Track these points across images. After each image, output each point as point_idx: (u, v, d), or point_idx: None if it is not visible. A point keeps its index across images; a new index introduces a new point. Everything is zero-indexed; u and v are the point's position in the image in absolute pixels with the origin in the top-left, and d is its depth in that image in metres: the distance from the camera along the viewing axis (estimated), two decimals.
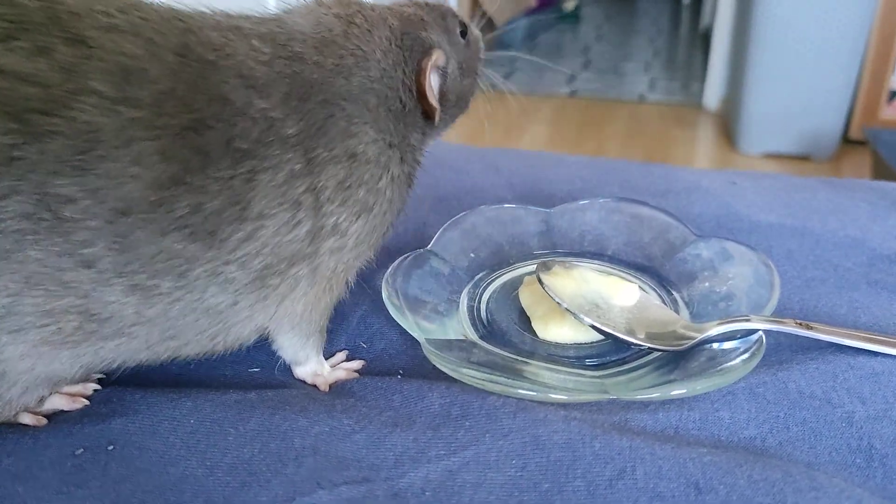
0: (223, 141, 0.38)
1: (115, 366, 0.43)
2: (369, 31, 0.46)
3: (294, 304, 0.45)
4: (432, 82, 0.48)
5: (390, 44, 0.47)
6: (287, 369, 0.49)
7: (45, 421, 0.44)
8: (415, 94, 0.48)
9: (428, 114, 0.49)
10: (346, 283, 0.49)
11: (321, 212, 0.42)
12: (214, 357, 0.49)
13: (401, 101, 0.47)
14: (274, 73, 0.41)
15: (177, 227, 0.37)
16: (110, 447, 0.41)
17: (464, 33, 0.53)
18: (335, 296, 0.48)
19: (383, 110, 0.46)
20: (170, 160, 0.36)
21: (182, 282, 0.39)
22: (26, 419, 0.43)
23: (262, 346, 0.49)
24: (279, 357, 0.49)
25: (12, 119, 0.33)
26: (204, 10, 0.43)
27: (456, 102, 0.52)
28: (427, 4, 0.51)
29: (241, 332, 0.44)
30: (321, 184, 0.42)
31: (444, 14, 0.52)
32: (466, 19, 0.54)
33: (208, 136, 0.38)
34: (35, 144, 0.34)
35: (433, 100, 0.48)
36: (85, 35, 0.36)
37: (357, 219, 0.44)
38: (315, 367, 0.49)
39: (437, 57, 0.48)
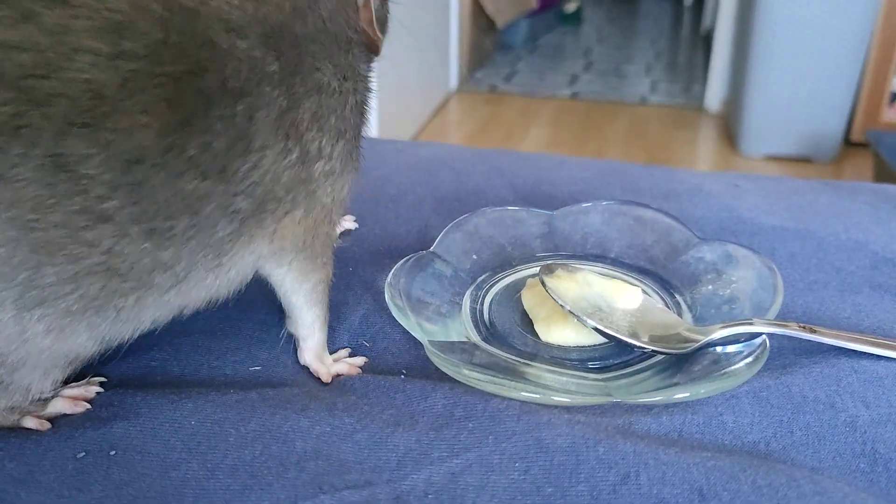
0: (220, 82, 0.40)
1: (129, 333, 0.43)
2: None
3: (293, 226, 0.46)
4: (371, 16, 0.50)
5: None
6: (287, 365, 0.49)
7: (48, 425, 0.43)
8: (357, 28, 0.49)
9: (370, 45, 0.50)
10: (339, 216, 0.51)
11: (303, 139, 0.44)
12: (216, 354, 0.49)
13: (347, 36, 0.48)
14: (247, 15, 0.43)
15: (189, 168, 0.39)
16: (112, 451, 0.41)
17: None
18: (333, 230, 0.50)
19: (335, 47, 0.47)
20: (176, 105, 0.38)
21: (195, 220, 0.40)
22: (30, 423, 0.43)
23: (264, 344, 0.49)
24: (280, 356, 0.49)
25: (10, 88, 0.34)
26: None
27: (382, 29, 0.53)
28: None
29: (242, 260, 0.45)
30: (299, 116, 0.44)
31: None
32: None
33: (207, 78, 0.39)
34: (38, 109, 0.35)
35: (376, 31, 0.50)
36: None
37: (336, 142, 0.47)
38: (319, 347, 0.49)
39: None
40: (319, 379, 0.48)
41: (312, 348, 0.49)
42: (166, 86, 0.38)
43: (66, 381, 0.46)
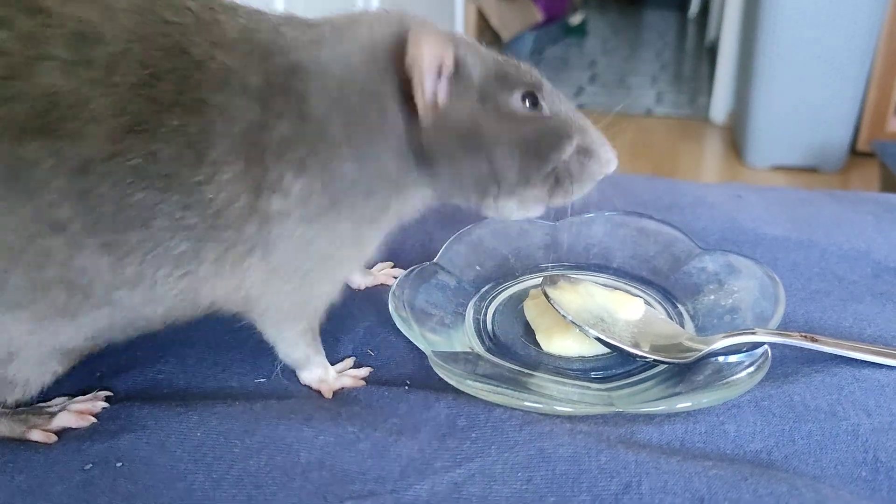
0: (176, 90, 0.39)
1: (118, 336, 0.44)
2: (371, 24, 0.45)
3: (253, 273, 0.44)
4: (425, 76, 0.43)
5: (394, 38, 0.44)
6: (292, 374, 0.49)
7: (54, 438, 0.44)
8: (402, 95, 0.43)
9: (414, 111, 0.44)
10: (328, 282, 0.47)
11: (265, 163, 0.41)
12: (221, 366, 0.50)
13: (379, 95, 0.43)
14: (244, 37, 0.42)
15: (134, 176, 0.39)
16: (119, 463, 0.41)
17: (530, 103, 0.46)
18: (315, 294, 0.46)
19: (354, 95, 0.43)
20: (121, 113, 0.38)
21: (147, 233, 0.40)
22: (36, 436, 0.44)
23: (268, 355, 0.49)
24: (285, 368, 0.49)
25: None
26: None
27: (463, 139, 0.45)
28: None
29: (213, 291, 0.44)
30: (269, 137, 0.41)
31: (497, 60, 0.47)
32: (544, 89, 0.47)
33: (161, 86, 0.39)
34: (1, 109, 0.36)
35: (427, 109, 0.43)
36: (43, 5, 0.38)
37: (299, 178, 0.42)
38: (319, 371, 0.49)
39: (434, 43, 0.42)
40: None
41: (311, 375, 0.49)
42: (116, 94, 0.38)
43: (73, 395, 0.47)
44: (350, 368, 0.50)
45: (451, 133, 0.45)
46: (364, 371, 0.50)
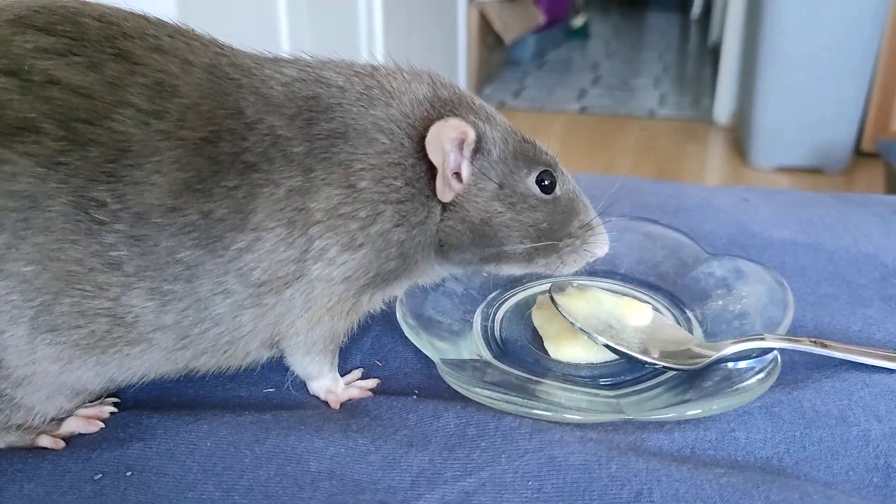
0: (234, 152, 0.40)
1: (136, 378, 0.44)
2: (409, 81, 0.46)
3: (289, 328, 0.45)
4: (450, 155, 0.44)
5: (429, 104, 0.45)
6: (301, 386, 0.49)
7: (62, 444, 0.44)
8: (418, 160, 0.45)
9: (434, 184, 0.45)
10: (354, 313, 0.47)
11: (308, 233, 0.42)
12: (230, 376, 0.49)
13: (413, 160, 0.44)
14: (289, 92, 0.43)
15: (186, 232, 0.40)
16: (129, 473, 0.41)
17: (548, 184, 0.47)
18: (340, 325, 0.47)
19: (392, 158, 0.44)
20: (185, 169, 0.39)
21: (190, 288, 0.41)
22: (45, 441, 0.44)
23: (277, 367, 0.49)
24: (293, 372, 0.49)
25: (62, 127, 0.37)
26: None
27: (478, 227, 0.46)
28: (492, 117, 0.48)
29: (248, 345, 0.45)
30: (314, 205, 0.42)
31: (514, 137, 0.48)
32: (559, 169, 0.48)
33: (221, 146, 0.40)
34: (79, 151, 0.37)
35: (436, 160, 0.44)
36: (132, 53, 0.39)
37: (345, 250, 0.43)
38: (329, 383, 0.49)
39: (457, 125, 0.44)
40: None
41: (320, 385, 0.49)
42: (182, 149, 0.39)
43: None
44: (358, 380, 0.50)
45: (467, 221, 0.46)
46: (371, 382, 0.50)
